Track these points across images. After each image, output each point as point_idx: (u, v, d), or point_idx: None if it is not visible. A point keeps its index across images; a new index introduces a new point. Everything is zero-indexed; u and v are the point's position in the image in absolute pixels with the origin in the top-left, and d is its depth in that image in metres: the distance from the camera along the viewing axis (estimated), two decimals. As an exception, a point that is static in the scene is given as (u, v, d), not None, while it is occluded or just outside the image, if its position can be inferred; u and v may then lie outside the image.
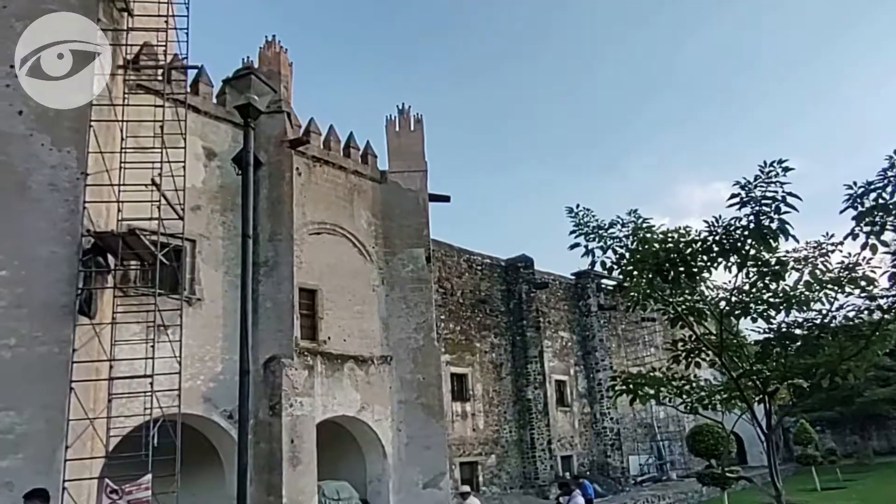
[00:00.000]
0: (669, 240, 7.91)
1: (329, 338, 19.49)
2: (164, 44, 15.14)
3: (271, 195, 18.37)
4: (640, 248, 8.00)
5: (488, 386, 27.13)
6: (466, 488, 18.16)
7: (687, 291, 8.39)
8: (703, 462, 26.28)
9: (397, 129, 23.96)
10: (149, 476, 12.32)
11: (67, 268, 12.31)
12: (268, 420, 16.79)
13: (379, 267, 21.89)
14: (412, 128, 24.15)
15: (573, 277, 34.70)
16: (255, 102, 8.96)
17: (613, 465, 31.77)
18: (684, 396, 8.77)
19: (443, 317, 25.70)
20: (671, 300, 8.49)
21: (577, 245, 8.29)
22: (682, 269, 7.74)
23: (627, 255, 8.15)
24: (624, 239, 8.25)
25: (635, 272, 8.15)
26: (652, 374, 8.81)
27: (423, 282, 22.58)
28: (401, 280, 22.26)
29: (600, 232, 8.29)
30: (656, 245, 7.88)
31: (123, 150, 13.86)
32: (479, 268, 29.03)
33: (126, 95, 14.64)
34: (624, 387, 8.68)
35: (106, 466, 12.63)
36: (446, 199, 25.02)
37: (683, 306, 8.47)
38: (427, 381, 21.59)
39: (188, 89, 16.28)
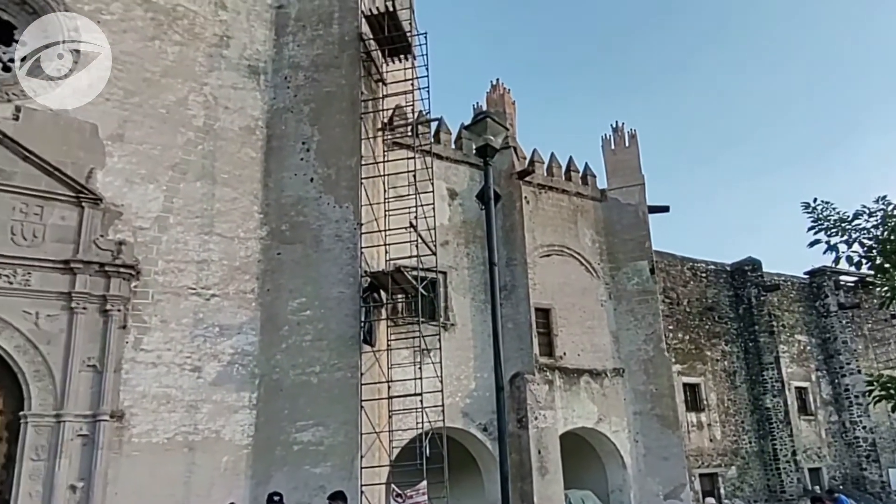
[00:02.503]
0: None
1: (565, 353, 19.67)
2: (411, 104, 16.50)
3: (505, 224, 19.09)
4: (893, 238, 6.89)
5: (722, 395, 25.34)
6: (711, 500, 17.18)
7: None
8: None
9: (613, 146, 23.48)
10: (424, 482, 13.39)
11: (352, 304, 13.90)
12: (517, 432, 17.38)
13: (605, 282, 21.60)
14: (627, 143, 23.51)
15: (806, 277, 31.07)
16: (491, 142, 9.44)
17: (871, 479, 27.79)
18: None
19: (671, 327, 24.56)
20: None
21: (817, 242, 7.36)
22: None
23: (877, 247, 7.06)
24: (872, 230, 7.16)
25: (887, 265, 7.03)
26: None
27: (649, 293, 21.84)
28: (627, 293, 21.75)
29: (843, 225, 7.27)
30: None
31: (386, 200, 15.32)
32: (704, 275, 27.26)
33: (385, 153, 16.13)
34: (883, 392, 7.52)
35: (391, 473, 13.89)
36: (665, 209, 23.97)
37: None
38: (660, 391, 20.83)
39: (432, 139, 17.55)
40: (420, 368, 14.56)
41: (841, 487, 25.47)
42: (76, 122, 11.90)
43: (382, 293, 14.63)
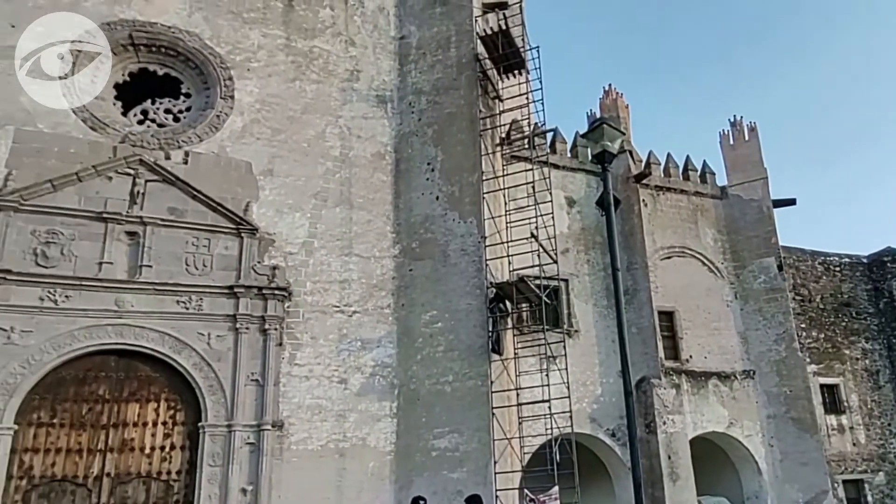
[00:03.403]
0: None
1: (691, 356, 18.83)
2: (526, 117, 16.45)
3: (624, 228, 18.54)
4: None
5: (865, 396, 23.20)
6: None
7: None
8: None
9: (731, 141, 22.14)
10: (556, 488, 13.28)
11: (479, 315, 14.06)
12: (645, 437, 16.86)
13: (730, 282, 20.43)
14: (747, 137, 22.08)
15: (956, 266, 27.76)
16: (609, 148, 9.19)
17: None
18: None
19: (803, 325, 22.80)
20: None
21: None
22: None
23: None
24: None
25: None
26: None
27: (778, 291, 20.42)
28: (753, 292, 20.45)
29: None
30: None
31: (507, 213, 15.35)
32: (838, 269, 25.05)
33: (504, 167, 16.18)
34: None
35: (523, 479, 13.91)
36: (791, 202, 22.26)
37: None
38: (794, 393, 19.41)
39: (549, 150, 17.40)
40: (547, 375, 14.49)
41: None
42: (234, 161, 12.91)
43: (508, 303, 14.69)
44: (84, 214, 11.26)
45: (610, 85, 19.27)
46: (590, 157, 18.14)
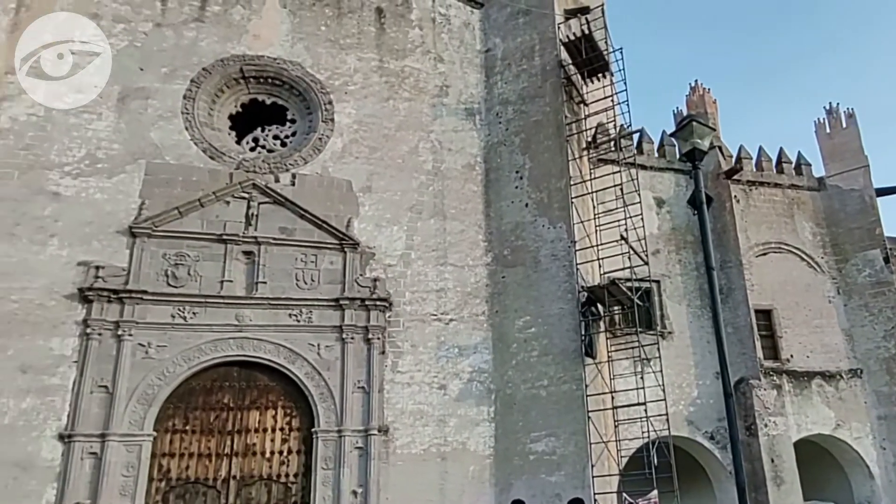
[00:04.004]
0: None
1: (791, 356, 17.85)
2: (612, 119, 16.10)
3: (716, 226, 17.78)
4: None
5: None
6: None
7: None
8: None
9: (828, 130, 20.74)
10: (655, 492, 12.95)
11: (572, 319, 13.91)
12: (746, 440, 16.15)
13: (831, 277, 19.20)
14: (844, 124, 20.62)
15: None
16: (699, 145, 8.83)
17: None
18: None
19: (915, 320, 21.15)
20: None
21: None
22: None
23: None
24: None
25: None
26: None
27: (885, 285, 18.97)
28: (858, 287, 19.11)
29: None
30: None
31: (596, 216, 15.09)
32: (951, 259, 23.06)
33: (591, 171, 15.93)
34: None
35: (620, 482, 13.67)
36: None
37: None
38: (907, 393, 18.02)
39: (636, 151, 16.97)
40: (641, 378, 14.18)
41: None
42: (335, 180, 13.37)
43: (599, 306, 14.45)
44: (207, 237, 12.04)
45: (696, 81, 18.56)
46: (678, 156, 17.53)
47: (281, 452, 12.12)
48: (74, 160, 11.31)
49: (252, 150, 13.39)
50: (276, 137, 13.62)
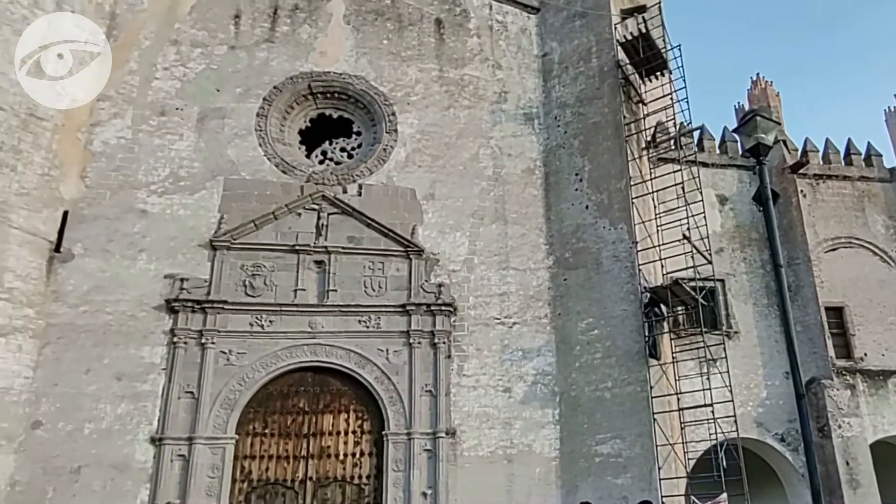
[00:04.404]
0: None
1: (865, 354, 17.05)
2: (671, 117, 15.75)
3: (782, 222, 17.16)
4: None
5: None
6: None
7: None
8: None
9: (900, 117, 19.76)
10: (724, 495, 12.58)
11: (635, 321, 13.69)
12: (819, 442, 15.54)
13: (907, 272, 18.27)
14: (918, 110, 19.60)
15: None
16: (763, 140, 8.55)
17: None
18: None
19: None
20: None
21: None
22: None
23: None
24: None
25: None
26: None
27: (965, 279, 17.92)
28: (937, 282, 18.12)
29: None
30: None
31: (657, 216, 14.78)
32: None
33: (651, 170, 15.63)
34: None
35: (688, 485, 13.39)
36: (977, 178, 19.40)
37: None
38: None
39: (696, 148, 16.56)
40: (707, 379, 13.80)
41: None
42: (400, 189, 13.58)
43: (663, 307, 14.18)
44: (280, 248, 12.42)
45: (758, 74, 17.92)
46: (741, 152, 17.02)
47: (354, 455, 12.39)
48: (159, 179, 11.92)
49: (321, 162, 13.73)
50: (342, 150, 13.94)
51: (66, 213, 10.94)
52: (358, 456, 12.42)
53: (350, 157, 14.00)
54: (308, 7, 13.93)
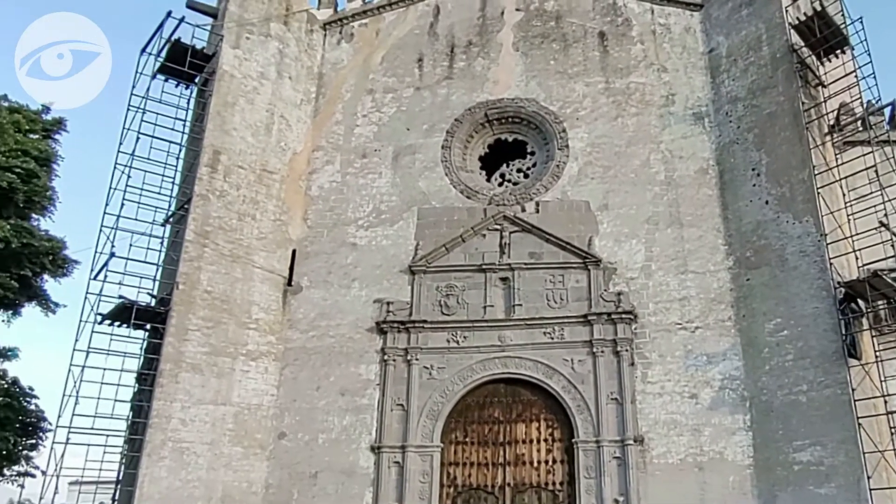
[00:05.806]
0: None
1: None
2: (857, 97, 14.26)
3: None
4: None
5: None
6: None
7: None
8: None
9: None
10: None
11: (829, 319, 12.49)
12: None
13: None
14: None
15: None
16: None
17: None
18: None
19: None
20: None
21: None
22: None
23: None
24: None
25: None
26: None
27: None
28: None
29: None
30: None
31: (848, 204, 13.44)
32: None
33: (837, 156, 14.29)
34: None
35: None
36: None
37: None
38: None
39: (888, 127, 14.85)
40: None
41: None
42: (574, 202, 13.52)
43: (861, 302, 12.91)
44: (469, 268, 12.97)
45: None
46: (946, 123, 15.04)
47: (546, 462, 12.57)
48: (365, 214, 13.00)
49: (500, 185, 14.09)
50: (519, 170, 14.20)
51: (294, 252, 12.35)
52: (551, 463, 12.61)
53: (526, 176, 14.18)
54: (480, 41, 14.38)
